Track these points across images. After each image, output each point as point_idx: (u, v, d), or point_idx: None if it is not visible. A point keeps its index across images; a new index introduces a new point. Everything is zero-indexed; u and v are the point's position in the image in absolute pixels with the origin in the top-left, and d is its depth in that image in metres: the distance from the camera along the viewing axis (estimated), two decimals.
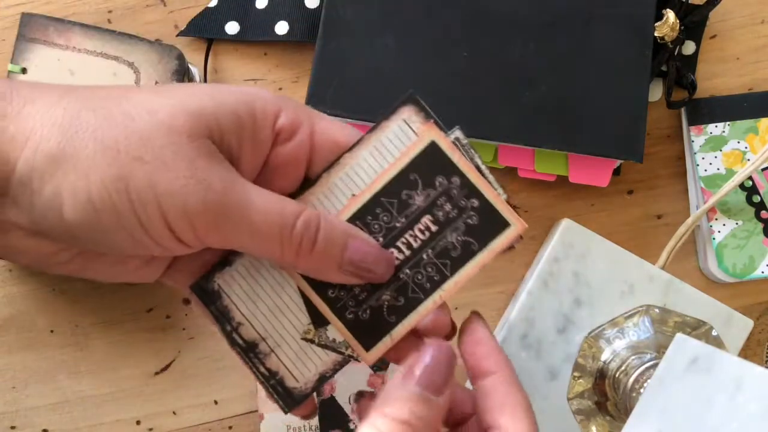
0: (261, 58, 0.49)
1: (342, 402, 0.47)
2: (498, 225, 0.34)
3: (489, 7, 0.45)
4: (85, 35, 0.45)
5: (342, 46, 0.45)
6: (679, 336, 0.35)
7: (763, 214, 0.49)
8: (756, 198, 0.49)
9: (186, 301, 0.48)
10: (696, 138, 0.49)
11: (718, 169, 0.49)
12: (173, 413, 0.48)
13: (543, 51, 0.45)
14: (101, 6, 0.48)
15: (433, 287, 0.34)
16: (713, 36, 0.51)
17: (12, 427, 0.47)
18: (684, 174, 0.50)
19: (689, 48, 0.50)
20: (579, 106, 0.45)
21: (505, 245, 0.34)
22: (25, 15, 0.45)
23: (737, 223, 0.49)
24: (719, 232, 0.49)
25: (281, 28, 0.48)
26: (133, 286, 0.47)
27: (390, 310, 0.34)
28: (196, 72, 0.48)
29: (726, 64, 0.51)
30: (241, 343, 0.35)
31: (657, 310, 0.46)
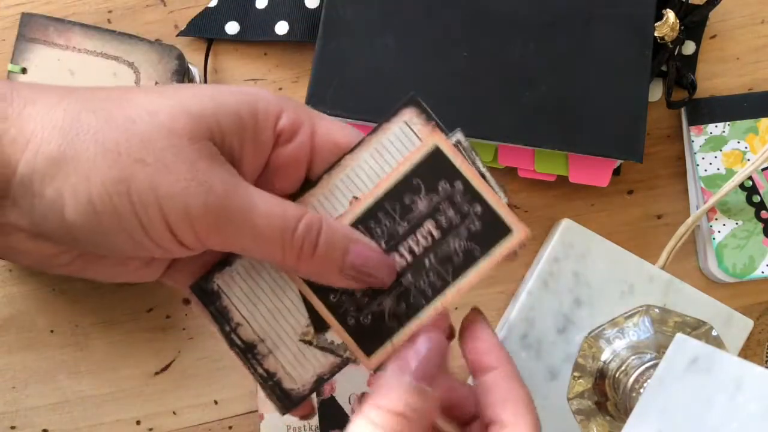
0: (261, 58, 0.49)
1: (342, 402, 0.47)
2: (501, 232, 0.33)
3: (489, 7, 0.45)
4: (85, 35, 0.45)
5: (342, 46, 0.45)
6: (679, 336, 0.35)
7: (763, 214, 0.49)
8: (756, 198, 0.49)
9: (186, 301, 0.48)
10: (696, 138, 0.49)
11: (718, 169, 0.49)
12: (173, 413, 0.48)
13: (543, 51, 0.45)
14: (101, 6, 0.48)
15: (435, 293, 0.34)
16: (713, 36, 0.51)
17: (12, 427, 0.47)
18: (684, 174, 0.50)
19: (689, 48, 0.50)
20: (579, 106, 0.45)
21: (508, 252, 0.34)
22: (25, 15, 0.45)
23: (737, 223, 0.49)
24: (719, 232, 0.49)
25: (281, 28, 0.48)
26: (133, 286, 0.47)
27: (391, 315, 0.34)
28: (196, 72, 0.47)
29: (726, 64, 0.51)
30: (240, 344, 0.35)
31: (657, 310, 0.46)
